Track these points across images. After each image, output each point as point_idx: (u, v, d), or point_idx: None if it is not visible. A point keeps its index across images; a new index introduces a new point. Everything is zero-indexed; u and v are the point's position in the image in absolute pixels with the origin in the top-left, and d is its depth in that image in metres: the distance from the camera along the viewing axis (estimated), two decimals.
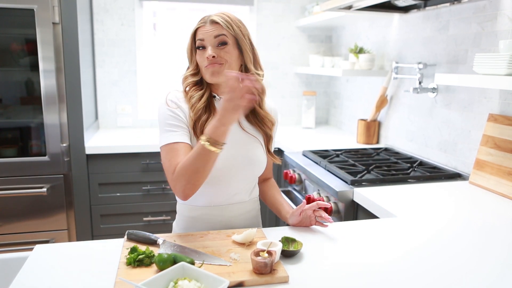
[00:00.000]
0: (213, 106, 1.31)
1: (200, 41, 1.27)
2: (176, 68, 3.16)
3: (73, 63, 2.38)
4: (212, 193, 1.32)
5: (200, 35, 1.27)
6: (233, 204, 1.35)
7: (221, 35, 1.25)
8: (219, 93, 1.34)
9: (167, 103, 1.29)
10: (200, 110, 1.27)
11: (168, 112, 1.27)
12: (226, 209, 1.34)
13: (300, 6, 3.31)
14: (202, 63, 1.28)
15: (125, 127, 3.14)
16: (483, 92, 1.86)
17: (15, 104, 2.54)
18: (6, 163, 2.36)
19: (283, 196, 1.47)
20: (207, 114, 1.28)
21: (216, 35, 1.25)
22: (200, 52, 1.28)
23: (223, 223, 1.34)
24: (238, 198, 1.35)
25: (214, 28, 1.26)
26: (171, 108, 1.27)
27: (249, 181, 1.37)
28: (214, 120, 1.12)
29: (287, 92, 3.43)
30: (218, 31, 1.25)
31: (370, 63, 2.61)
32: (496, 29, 1.77)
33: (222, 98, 1.21)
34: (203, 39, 1.26)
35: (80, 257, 1.11)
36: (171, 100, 1.29)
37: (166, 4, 3.13)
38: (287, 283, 0.99)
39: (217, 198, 1.33)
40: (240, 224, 1.37)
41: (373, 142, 2.67)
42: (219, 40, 1.26)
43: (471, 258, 1.13)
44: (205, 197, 1.32)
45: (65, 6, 2.31)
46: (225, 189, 1.32)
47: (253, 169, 1.34)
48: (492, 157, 1.73)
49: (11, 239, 2.40)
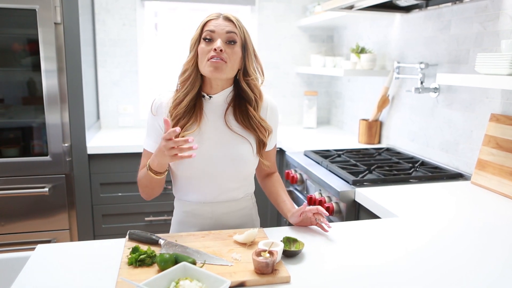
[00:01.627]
0: (198, 106, 1.31)
1: (210, 32, 1.25)
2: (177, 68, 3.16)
3: (74, 63, 2.39)
4: (201, 190, 1.33)
5: (211, 27, 1.25)
6: (224, 202, 1.35)
7: (233, 32, 1.26)
8: (210, 92, 1.32)
9: (151, 107, 1.35)
10: (179, 115, 1.28)
11: (149, 117, 1.36)
12: (216, 206, 1.35)
13: (302, 6, 3.31)
14: (206, 54, 1.24)
15: (126, 127, 3.14)
16: (485, 92, 1.86)
17: (17, 104, 2.54)
18: (8, 163, 2.37)
19: (286, 193, 1.45)
20: (186, 119, 1.28)
21: (228, 31, 1.25)
22: (206, 43, 1.25)
23: (214, 219, 1.35)
24: (229, 196, 1.35)
25: (228, 24, 1.25)
26: (153, 114, 1.34)
27: (239, 179, 1.36)
28: (154, 154, 1.22)
29: (289, 92, 3.43)
30: (230, 28, 1.25)
31: (371, 63, 2.60)
32: (498, 28, 1.76)
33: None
34: (213, 30, 1.25)
35: (82, 257, 1.11)
36: (155, 106, 1.34)
37: (168, 4, 3.13)
38: (288, 283, 0.99)
39: (206, 195, 1.34)
40: (232, 221, 1.37)
41: (375, 142, 2.66)
42: (230, 37, 1.25)
43: (473, 258, 1.12)
44: (195, 194, 1.34)
45: (66, 6, 2.31)
46: (214, 187, 1.33)
47: (239, 168, 1.32)
48: (494, 157, 1.73)
49: (13, 239, 2.41)
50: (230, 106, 1.34)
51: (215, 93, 1.32)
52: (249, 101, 1.33)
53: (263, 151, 1.37)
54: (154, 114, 1.33)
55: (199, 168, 1.29)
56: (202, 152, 1.28)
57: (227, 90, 1.33)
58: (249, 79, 1.31)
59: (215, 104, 1.33)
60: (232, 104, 1.34)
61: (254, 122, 1.33)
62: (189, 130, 1.28)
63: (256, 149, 1.35)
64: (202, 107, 1.32)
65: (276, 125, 1.42)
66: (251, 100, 1.32)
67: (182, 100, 1.28)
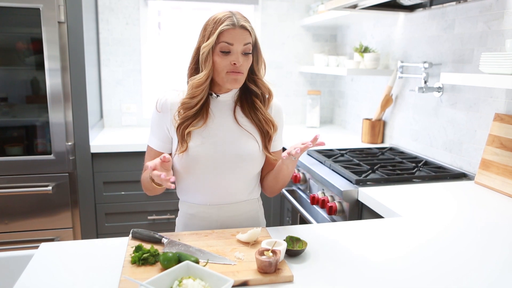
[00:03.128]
0: (206, 106, 1.31)
1: (228, 45, 1.22)
2: (180, 67, 3.16)
3: (78, 62, 2.39)
4: (208, 192, 1.32)
5: (229, 39, 1.21)
6: (230, 204, 1.34)
7: (249, 43, 1.25)
8: (217, 91, 1.33)
9: (156, 105, 1.34)
10: (188, 117, 1.28)
11: (154, 114, 1.34)
12: (222, 208, 1.34)
13: (305, 5, 3.30)
14: (224, 67, 1.23)
15: (130, 126, 3.15)
16: (489, 92, 1.85)
17: (21, 102, 2.55)
18: (12, 162, 2.38)
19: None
20: (192, 118, 1.28)
21: (246, 43, 1.24)
22: (224, 56, 1.23)
23: (220, 222, 1.34)
24: (236, 198, 1.34)
25: (245, 35, 1.23)
26: (158, 111, 1.33)
27: (247, 180, 1.35)
28: (151, 175, 1.20)
29: (292, 91, 3.43)
30: (247, 39, 1.24)
31: (375, 62, 2.60)
32: (503, 28, 1.76)
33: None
34: (232, 43, 1.22)
35: (85, 255, 1.11)
36: (160, 103, 1.33)
37: (171, 3, 3.13)
38: (291, 282, 0.99)
39: (213, 197, 1.33)
40: (238, 224, 1.36)
41: (378, 141, 2.66)
42: (246, 48, 1.24)
43: (476, 258, 1.12)
44: (201, 196, 1.33)
45: (70, 5, 2.32)
46: (220, 187, 1.32)
47: (245, 165, 1.31)
48: (498, 157, 1.72)
49: (16, 237, 2.42)
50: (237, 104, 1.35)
51: (223, 92, 1.33)
52: (256, 95, 1.34)
53: (269, 146, 1.35)
54: (159, 111, 1.32)
55: (206, 165, 1.28)
56: (208, 150, 1.28)
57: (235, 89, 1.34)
58: (255, 77, 1.32)
59: (222, 103, 1.33)
60: (240, 100, 1.35)
61: (261, 113, 1.33)
62: (195, 126, 1.28)
63: (262, 145, 1.34)
64: (209, 105, 1.32)
65: (281, 126, 1.41)
66: (258, 94, 1.34)
67: (195, 105, 1.28)
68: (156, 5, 3.11)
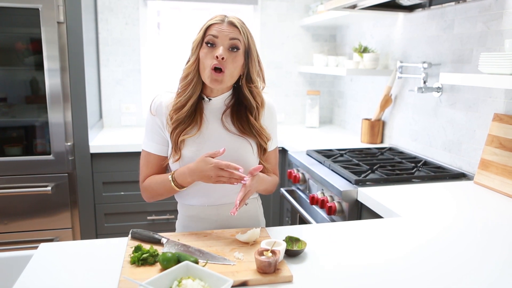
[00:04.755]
0: (199, 109, 1.29)
1: (213, 37, 1.22)
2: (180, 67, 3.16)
3: (77, 62, 2.39)
4: (205, 194, 1.32)
5: (214, 31, 1.22)
6: (228, 204, 1.33)
7: (236, 39, 1.23)
8: (210, 94, 1.31)
9: (150, 107, 1.33)
10: (180, 120, 1.26)
11: (148, 117, 1.33)
12: (220, 209, 1.34)
13: (304, 5, 3.30)
14: (208, 61, 1.22)
15: (129, 126, 3.14)
16: (488, 92, 1.85)
17: (20, 103, 2.55)
18: (11, 162, 2.37)
19: (267, 177, 1.36)
20: (187, 123, 1.27)
21: (232, 37, 1.22)
22: (208, 49, 1.23)
23: (219, 222, 1.34)
24: (234, 198, 1.33)
25: (232, 30, 1.22)
26: (152, 114, 1.32)
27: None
28: (186, 168, 1.23)
29: (291, 91, 3.43)
30: (234, 35, 1.23)
31: (374, 62, 2.60)
32: (502, 28, 1.76)
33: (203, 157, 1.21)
34: (217, 36, 1.22)
35: (85, 255, 1.11)
36: (154, 105, 1.32)
37: (170, 3, 3.13)
38: (291, 282, 0.99)
39: (210, 199, 1.32)
40: (238, 224, 1.36)
41: (377, 141, 2.66)
42: (233, 43, 1.23)
43: (476, 258, 1.12)
44: (199, 198, 1.33)
45: (69, 5, 2.32)
46: (218, 191, 1.31)
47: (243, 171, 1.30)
48: (497, 157, 1.73)
49: (16, 238, 2.42)
50: (228, 109, 1.33)
51: (215, 96, 1.31)
52: (250, 109, 1.31)
53: (263, 156, 1.35)
54: (154, 114, 1.31)
55: None
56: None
57: (227, 93, 1.33)
58: (252, 86, 1.29)
59: (214, 107, 1.32)
60: (230, 109, 1.33)
61: (256, 130, 1.32)
62: (189, 133, 1.27)
63: (257, 152, 1.34)
64: (203, 109, 1.31)
65: (274, 125, 1.40)
66: (253, 108, 1.31)
67: (184, 104, 1.26)
68: (155, 5, 3.11)
